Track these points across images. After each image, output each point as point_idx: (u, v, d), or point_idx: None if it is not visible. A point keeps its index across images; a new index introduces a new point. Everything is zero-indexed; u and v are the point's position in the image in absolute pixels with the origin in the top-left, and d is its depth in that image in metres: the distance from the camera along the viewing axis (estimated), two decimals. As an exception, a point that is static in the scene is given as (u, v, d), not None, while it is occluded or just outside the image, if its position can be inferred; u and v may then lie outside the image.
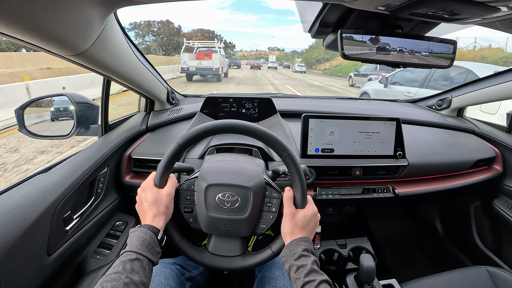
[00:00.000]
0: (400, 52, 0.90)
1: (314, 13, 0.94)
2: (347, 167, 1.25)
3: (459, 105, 1.76)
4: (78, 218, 0.99)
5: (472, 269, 1.17)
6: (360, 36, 0.88)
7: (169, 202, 0.79)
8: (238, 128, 0.80)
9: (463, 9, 0.71)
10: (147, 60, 1.25)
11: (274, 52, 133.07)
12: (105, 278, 0.60)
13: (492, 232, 1.62)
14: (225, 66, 20.02)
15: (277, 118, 1.47)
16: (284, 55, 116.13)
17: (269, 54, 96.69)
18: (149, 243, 0.69)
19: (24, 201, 0.80)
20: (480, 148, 1.53)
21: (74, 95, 1.21)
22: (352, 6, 0.78)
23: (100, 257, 1.06)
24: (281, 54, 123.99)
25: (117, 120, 1.41)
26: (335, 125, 1.24)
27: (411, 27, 0.97)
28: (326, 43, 1.06)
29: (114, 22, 0.88)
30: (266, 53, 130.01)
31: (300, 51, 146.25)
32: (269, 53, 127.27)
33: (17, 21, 0.54)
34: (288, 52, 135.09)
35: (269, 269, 1.01)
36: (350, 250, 1.42)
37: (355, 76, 15.98)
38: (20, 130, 1.16)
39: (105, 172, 1.15)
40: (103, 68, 0.95)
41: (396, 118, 1.27)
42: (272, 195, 0.85)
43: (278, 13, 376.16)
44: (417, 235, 2.10)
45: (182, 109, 1.57)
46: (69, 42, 0.70)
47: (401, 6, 0.73)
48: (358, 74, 15.61)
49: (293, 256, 0.72)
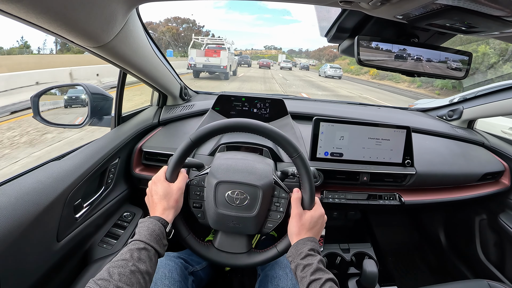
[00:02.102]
0: (416, 61, 0.90)
1: (332, 18, 0.95)
2: (355, 172, 1.26)
3: (470, 117, 1.75)
4: (87, 207, 1.01)
5: (473, 282, 1.17)
6: (376, 43, 0.89)
7: (179, 197, 0.80)
8: (251, 127, 0.81)
9: (481, 22, 0.72)
10: (164, 56, 1.26)
11: (271, 51, 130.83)
12: (112, 264, 0.62)
13: (495, 246, 1.61)
14: (234, 64, 19.57)
15: (288, 119, 1.48)
16: (281, 53, 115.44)
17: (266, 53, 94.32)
18: (157, 234, 0.71)
19: (37, 187, 0.81)
20: (488, 161, 1.52)
21: (90, 86, 1.23)
22: (371, 13, 0.78)
23: (106, 246, 1.08)
24: (278, 52, 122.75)
25: (130, 112, 1.43)
26: (345, 130, 1.24)
27: (428, 37, 0.97)
28: (342, 48, 1.06)
29: (136, 17, 0.90)
30: (262, 52, 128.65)
31: (297, 50, 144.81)
32: (265, 52, 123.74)
33: (46, 11, 0.56)
34: (285, 51, 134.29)
35: (272, 268, 1.02)
36: (353, 255, 1.42)
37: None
38: (35, 117, 1.18)
39: (116, 163, 1.17)
40: (123, 61, 0.97)
41: (406, 126, 1.28)
42: (281, 195, 0.86)
43: (274, 12, 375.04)
44: (420, 244, 2.09)
45: (194, 106, 1.59)
46: (93, 34, 0.72)
47: (420, 17, 0.74)
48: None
49: (300, 255, 0.73)
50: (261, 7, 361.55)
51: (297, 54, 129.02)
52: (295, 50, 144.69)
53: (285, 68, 38.18)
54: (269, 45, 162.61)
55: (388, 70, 0.93)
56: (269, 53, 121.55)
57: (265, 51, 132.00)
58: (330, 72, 26.20)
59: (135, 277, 0.61)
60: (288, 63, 41.01)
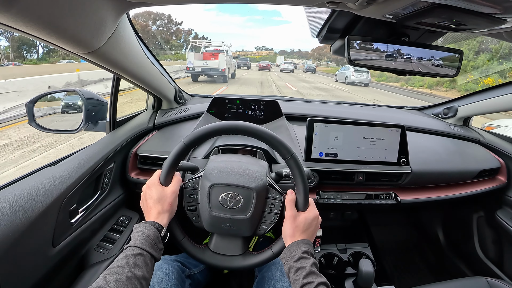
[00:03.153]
0: (406, 60, 0.90)
1: (322, 19, 0.96)
2: (350, 172, 1.26)
3: (466, 114, 1.75)
4: (83, 212, 1.01)
5: (472, 280, 1.16)
6: (367, 43, 0.89)
7: (173, 200, 0.80)
8: (244, 130, 0.81)
9: (469, 20, 0.72)
10: (157, 59, 1.27)
11: (262, 52, 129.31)
12: (108, 271, 0.62)
13: (494, 243, 1.61)
14: (232, 67, 19.48)
15: (283, 121, 1.48)
16: (273, 54, 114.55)
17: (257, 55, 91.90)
18: (152, 239, 0.71)
19: (32, 192, 0.82)
20: (484, 158, 1.52)
21: (84, 91, 1.24)
22: (359, 13, 0.79)
23: (103, 250, 1.08)
24: (270, 53, 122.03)
25: (124, 117, 1.43)
26: (339, 130, 1.25)
27: (418, 36, 0.98)
28: (334, 48, 1.07)
29: (127, 22, 0.90)
30: (253, 53, 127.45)
31: (289, 50, 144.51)
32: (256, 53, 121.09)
33: (35, 19, 0.56)
34: (276, 51, 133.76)
35: (269, 269, 1.02)
36: (350, 255, 1.42)
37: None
38: (30, 124, 1.18)
39: (111, 167, 1.18)
40: (115, 66, 0.97)
41: (401, 125, 1.28)
42: (275, 196, 0.86)
43: (264, 13, 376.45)
44: (418, 243, 2.09)
45: (189, 109, 1.59)
46: (83, 41, 0.73)
47: (408, 15, 0.74)
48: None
49: (293, 258, 0.73)
50: (252, 8, 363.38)
51: (289, 54, 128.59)
52: (286, 50, 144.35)
53: (286, 70, 34.29)
54: (260, 46, 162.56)
55: (379, 70, 0.94)
56: (260, 54, 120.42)
57: (256, 52, 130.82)
58: (355, 78, 19.30)
59: (131, 283, 0.61)
60: (289, 65, 37.05)
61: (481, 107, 1.65)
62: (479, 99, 1.64)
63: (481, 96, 1.63)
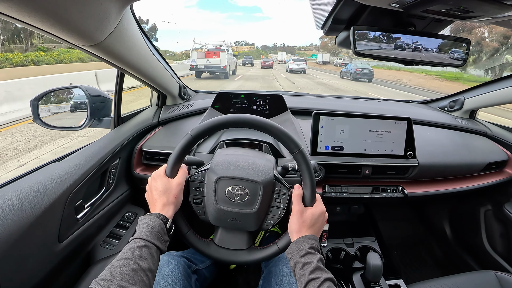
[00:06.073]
0: (414, 50, 0.89)
1: (327, 10, 0.94)
2: (356, 165, 1.25)
3: (472, 107, 1.74)
4: (89, 207, 1.01)
5: (480, 274, 1.15)
6: (373, 33, 0.88)
7: (179, 192, 0.80)
8: (252, 123, 0.80)
9: (476, 6, 0.70)
10: (161, 55, 1.26)
11: (242, 47, 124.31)
12: (114, 264, 0.61)
13: (501, 236, 1.60)
14: (233, 64, 20.51)
15: (288, 115, 1.47)
16: (255, 49, 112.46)
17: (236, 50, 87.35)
18: (157, 231, 0.70)
19: (38, 188, 0.82)
20: (492, 151, 1.50)
21: (89, 88, 1.23)
22: (365, 2, 0.78)
23: (109, 246, 1.08)
24: (250, 48, 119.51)
25: (129, 113, 1.43)
26: (345, 123, 1.24)
27: (425, 25, 0.96)
28: (339, 40, 1.05)
29: (130, 15, 0.90)
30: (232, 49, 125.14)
31: (271, 46, 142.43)
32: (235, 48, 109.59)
33: (38, 9, 0.56)
34: (258, 47, 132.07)
35: (275, 264, 1.02)
36: (357, 249, 1.41)
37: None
38: (35, 121, 1.18)
39: (116, 163, 1.17)
40: (118, 60, 0.96)
41: (407, 118, 1.27)
42: (281, 191, 0.85)
43: (245, 10, 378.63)
44: (425, 237, 2.08)
45: (193, 104, 1.59)
46: (86, 33, 0.72)
47: (415, 3, 0.73)
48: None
49: (299, 253, 0.72)
50: (232, 5, 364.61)
51: (271, 50, 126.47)
52: (268, 46, 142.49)
53: (296, 71, 25.59)
54: (240, 41, 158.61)
55: (385, 60, 0.92)
56: (240, 49, 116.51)
57: (236, 48, 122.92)
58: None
59: (137, 275, 0.60)
60: (300, 63, 26.44)
61: (487, 99, 1.63)
62: (485, 91, 1.62)
63: (487, 88, 1.61)
